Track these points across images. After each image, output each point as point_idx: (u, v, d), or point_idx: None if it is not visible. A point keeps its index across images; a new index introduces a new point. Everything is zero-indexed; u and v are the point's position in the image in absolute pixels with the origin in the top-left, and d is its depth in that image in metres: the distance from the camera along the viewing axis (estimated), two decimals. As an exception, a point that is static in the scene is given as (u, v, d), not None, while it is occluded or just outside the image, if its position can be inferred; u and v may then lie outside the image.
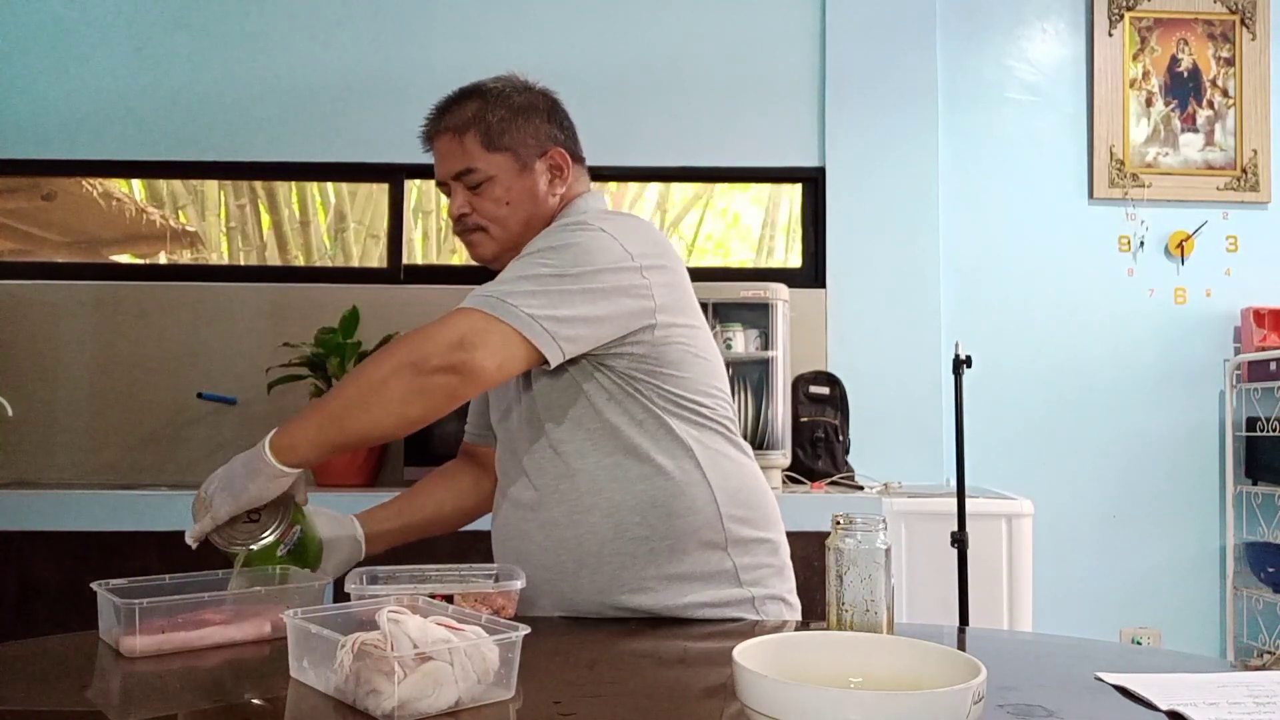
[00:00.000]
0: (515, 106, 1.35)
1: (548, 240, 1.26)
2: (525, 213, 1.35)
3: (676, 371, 1.28)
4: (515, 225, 1.35)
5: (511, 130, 1.34)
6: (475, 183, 1.33)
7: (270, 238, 3.26)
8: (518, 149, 1.34)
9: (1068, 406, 3.11)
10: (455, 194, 1.36)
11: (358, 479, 2.75)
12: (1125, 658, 1.13)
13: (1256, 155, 3.15)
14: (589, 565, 1.25)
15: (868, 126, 3.11)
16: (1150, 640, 3.02)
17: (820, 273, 3.11)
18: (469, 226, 1.36)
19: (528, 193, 1.35)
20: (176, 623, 1.02)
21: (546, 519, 1.28)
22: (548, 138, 1.37)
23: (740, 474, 1.32)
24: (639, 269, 1.25)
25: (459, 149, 1.34)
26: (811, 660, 0.82)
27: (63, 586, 2.41)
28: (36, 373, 2.99)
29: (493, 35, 3.12)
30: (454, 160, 1.34)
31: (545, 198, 1.36)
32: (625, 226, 1.29)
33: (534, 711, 0.86)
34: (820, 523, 1.28)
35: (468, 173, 1.33)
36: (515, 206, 1.34)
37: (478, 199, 1.34)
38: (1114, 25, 3.17)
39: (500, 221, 1.34)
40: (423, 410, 1.15)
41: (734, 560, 1.28)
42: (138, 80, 3.11)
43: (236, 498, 1.14)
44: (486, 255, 1.38)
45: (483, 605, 1.12)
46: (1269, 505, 3.01)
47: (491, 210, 1.34)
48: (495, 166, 1.33)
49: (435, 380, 1.13)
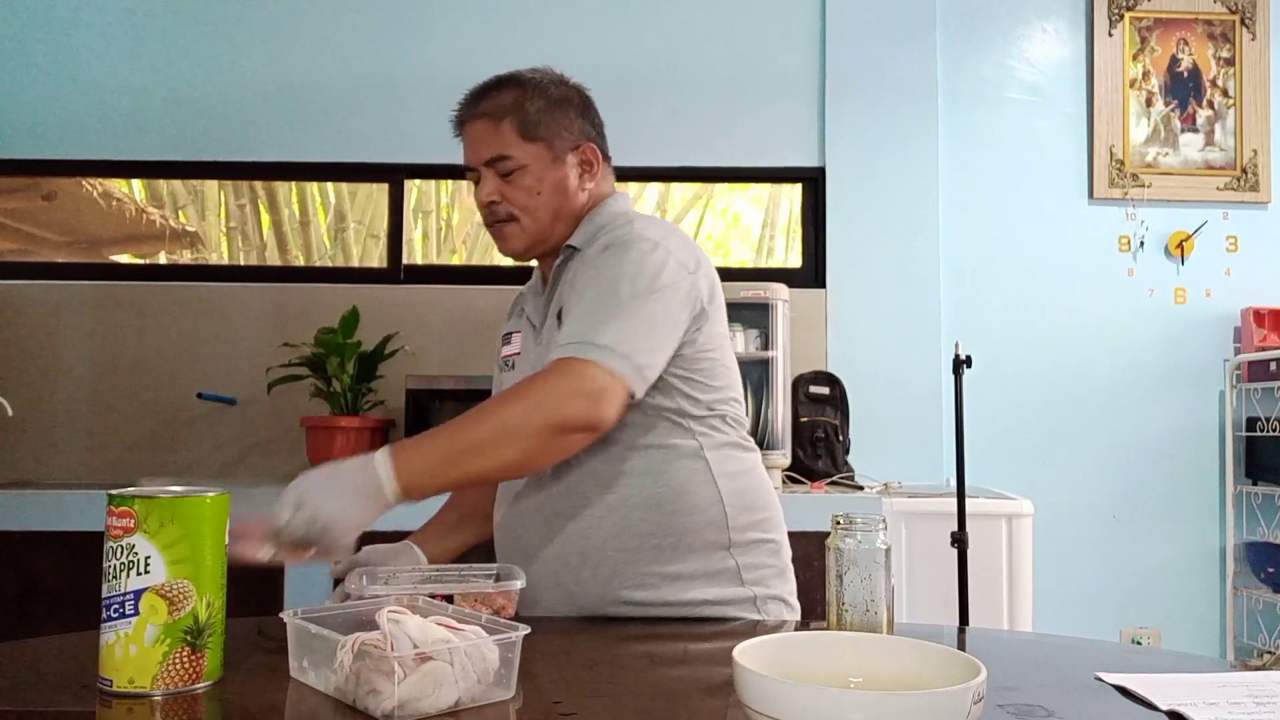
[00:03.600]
0: (552, 98, 1.36)
1: (619, 263, 1.23)
2: (555, 204, 1.35)
3: (705, 379, 1.30)
4: (545, 216, 1.35)
5: (547, 121, 1.34)
6: (507, 170, 1.33)
7: (270, 238, 3.26)
8: (552, 140, 1.35)
9: (1068, 406, 3.11)
10: (485, 181, 1.35)
11: (358, 479, 2.75)
12: (1125, 658, 1.13)
13: (1256, 155, 3.15)
14: (592, 560, 1.25)
15: (868, 126, 3.11)
16: (1150, 640, 3.02)
17: (820, 273, 3.11)
18: (499, 216, 1.35)
19: (559, 185, 1.35)
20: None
21: (551, 512, 1.28)
22: (580, 132, 1.38)
23: (748, 475, 1.33)
24: (695, 281, 1.27)
25: (494, 135, 1.33)
26: (811, 660, 0.82)
27: (63, 586, 2.41)
28: (36, 373, 2.99)
29: (493, 35, 3.12)
30: (488, 146, 1.34)
31: (576, 192, 1.37)
32: (678, 238, 1.31)
33: (534, 711, 0.85)
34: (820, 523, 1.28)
35: (501, 159, 1.33)
36: (546, 197, 1.34)
37: (508, 187, 1.33)
38: (1114, 25, 3.17)
39: (530, 212, 1.34)
40: (552, 461, 1.19)
41: (736, 559, 1.28)
42: (138, 80, 3.11)
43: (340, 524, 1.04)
44: (517, 249, 1.37)
45: (483, 605, 1.12)
46: (1269, 505, 3.01)
47: (522, 199, 1.33)
48: (529, 156, 1.33)
49: (571, 439, 1.15)
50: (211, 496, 0.91)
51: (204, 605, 0.89)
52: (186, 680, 0.87)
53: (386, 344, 2.84)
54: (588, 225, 1.36)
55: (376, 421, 2.80)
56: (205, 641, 0.89)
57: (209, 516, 0.90)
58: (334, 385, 2.79)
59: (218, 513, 0.91)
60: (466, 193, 3.31)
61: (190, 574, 0.88)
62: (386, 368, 2.86)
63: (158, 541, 0.86)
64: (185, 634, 0.87)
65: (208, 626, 0.89)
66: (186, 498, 0.89)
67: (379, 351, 2.83)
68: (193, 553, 0.88)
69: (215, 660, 0.90)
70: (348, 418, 2.75)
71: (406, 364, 2.93)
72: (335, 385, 2.78)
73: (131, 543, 0.87)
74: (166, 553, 0.87)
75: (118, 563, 0.87)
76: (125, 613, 0.86)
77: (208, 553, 0.89)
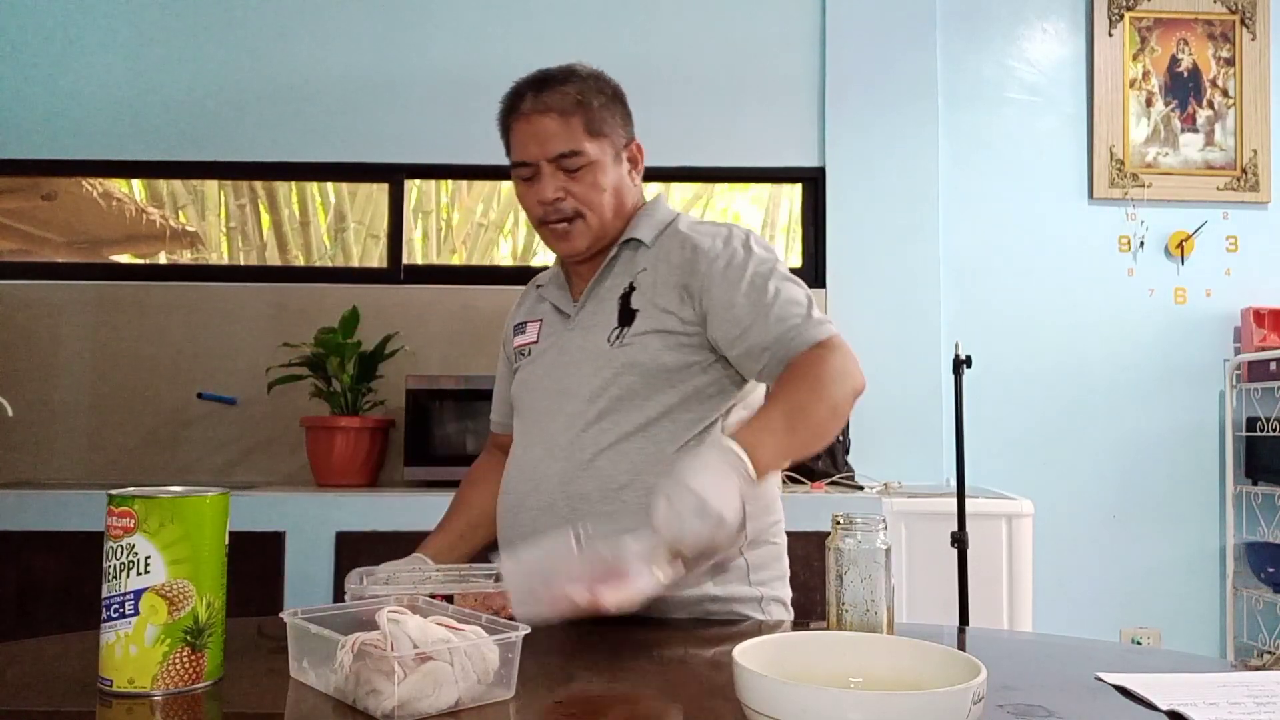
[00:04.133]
0: (608, 94, 1.36)
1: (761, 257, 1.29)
2: (616, 201, 1.35)
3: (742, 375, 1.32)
4: (609, 213, 1.34)
5: (608, 118, 1.34)
6: (576, 166, 1.31)
7: (270, 238, 3.26)
8: (613, 137, 1.35)
9: (1068, 406, 3.11)
10: (546, 178, 1.31)
11: (358, 479, 2.75)
12: (1125, 658, 1.13)
13: (1256, 155, 3.15)
14: None
15: (868, 126, 3.11)
16: (1150, 640, 3.02)
17: (820, 273, 3.11)
18: (564, 214, 1.32)
19: (619, 181, 1.36)
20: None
21: (575, 492, 1.26)
22: (629, 130, 1.39)
23: (766, 480, 1.34)
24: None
25: (564, 130, 1.30)
26: (811, 660, 0.82)
27: (63, 586, 2.41)
28: (36, 373, 3.00)
29: (493, 35, 3.12)
30: (557, 141, 1.30)
31: (631, 189, 1.38)
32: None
33: (534, 711, 0.85)
34: (820, 523, 1.28)
35: (572, 155, 1.30)
36: (610, 194, 1.34)
37: (574, 183, 1.31)
38: (1114, 25, 3.17)
39: (597, 209, 1.33)
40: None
41: (747, 559, 1.30)
42: (138, 80, 3.11)
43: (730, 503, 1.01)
44: (580, 247, 1.35)
45: (483, 605, 1.12)
46: (1269, 505, 3.01)
47: (591, 196, 1.32)
48: (597, 152, 1.32)
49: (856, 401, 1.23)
50: (211, 496, 0.90)
51: (204, 605, 0.88)
52: (186, 680, 0.87)
53: (386, 344, 2.84)
54: (647, 220, 1.37)
55: (376, 421, 2.80)
56: (205, 641, 0.89)
57: (209, 516, 0.90)
58: (334, 385, 2.79)
59: (218, 513, 0.91)
60: (466, 193, 3.31)
61: (190, 574, 0.88)
62: (386, 368, 2.86)
63: (158, 541, 0.86)
64: (185, 634, 0.87)
65: (208, 626, 0.89)
66: (186, 498, 0.89)
67: (379, 351, 2.83)
68: (193, 553, 0.88)
69: (215, 660, 0.90)
70: (348, 418, 2.75)
71: (406, 364, 2.93)
72: (335, 385, 2.79)
73: (131, 543, 0.87)
74: (166, 553, 0.87)
75: (118, 563, 0.87)
76: (125, 613, 0.86)
77: (208, 553, 0.89)
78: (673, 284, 1.29)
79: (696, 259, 1.29)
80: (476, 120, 3.12)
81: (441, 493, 2.59)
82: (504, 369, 1.52)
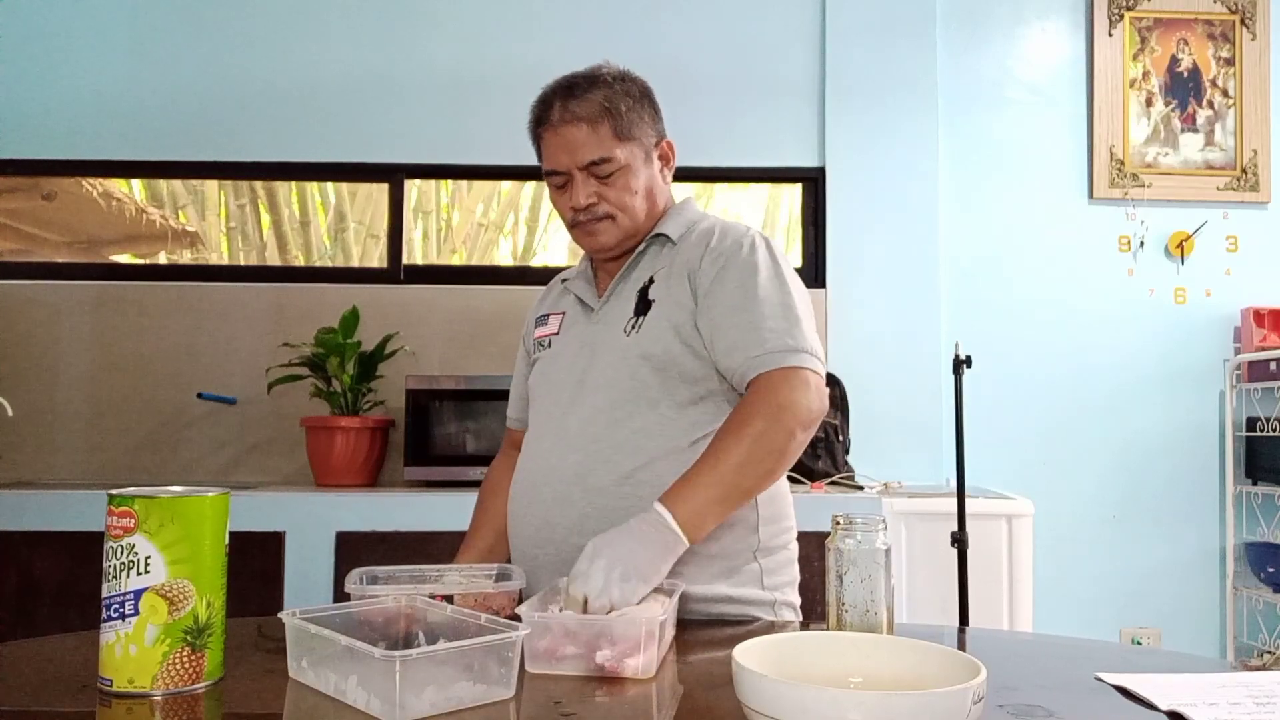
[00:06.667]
0: (635, 95, 1.36)
1: (763, 266, 1.29)
2: (649, 201, 1.37)
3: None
4: (640, 213, 1.37)
5: (636, 120, 1.35)
6: (607, 172, 1.33)
7: (270, 238, 3.26)
8: (642, 138, 1.36)
9: (1068, 406, 3.11)
10: (578, 184, 1.33)
11: (358, 479, 2.76)
12: (1125, 658, 1.13)
13: (1256, 155, 3.15)
14: None
15: (868, 126, 3.11)
16: (1150, 640, 3.02)
17: (820, 273, 3.11)
18: (597, 216, 1.34)
19: (651, 181, 1.38)
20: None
21: (592, 485, 1.27)
22: (658, 129, 1.40)
23: (778, 485, 1.35)
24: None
25: (593, 138, 1.32)
26: (811, 660, 0.82)
27: (63, 586, 2.41)
28: (36, 373, 3.00)
29: (493, 35, 3.12)
30: (588, 149, 1.32)
31: (663, 187, 1.40)
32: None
33: (534, 711, 0.85)
34: (820, 523, 1.28)
35: (602, 162, 1.32)
36: (642, 195, 1.36)
37: (606, 187, 1.34)
38: (1114, 25, 3.17)
39: (629, 210, 1.35)
40: (797, 456, 1.24)
41: (761, 564, 1.31)
42: (138, 80, 3.11)
43: (649, 581, 1.09)
44: (609, 243, 1.37)
45: (483, 605, 1.12)
46: (1269, 505, 3.00)
47: (624, 199, 1.34)
48: (628, 155, 1.34)
49: (810, 433, 1.23)
50: (211, 496, 0.91)
51: (204, 605, 0.89)
52: (186, 680, 0.87)
53: (386, 344, 2.84)
54: (677, 217, 1.39)
55: (376, 421, 2.80)
56: (205, 641, 0.89)
57: (209, 516, 0.90)
58: (334, 385, 2.79)
59: (218, 513, 0.91)
60: (466, 193, 3.31)
61: (190, 574, 0.88)
62: (386, 368, 2.86)
63: (158, 541, 0.86)
64: (185, 634, 0.87)
65: (208, 626, 0.89)
66: (186, 498, 0.89)
67: (379, 351, 2.83)
68: (193, 553, 0.88)
69: (215, 660, 0.90)
70: (348, 418, 2.75)
71: (406, 364, 2.93)
72: (335, 385, 2.79)
73: (132, 543, 0.87)
74: (166, 553, 0.87)
75: (118, 563, 0.87)
76: (125, 613, 0.86)
77: (208, 553, 0.89)
78: (684, 275, 1.32)
79: (705, 253, 1.32)
80: (476, 120, 3.15)
81: (441, 493, 2.60)
82: (522, 365, 1.54)
